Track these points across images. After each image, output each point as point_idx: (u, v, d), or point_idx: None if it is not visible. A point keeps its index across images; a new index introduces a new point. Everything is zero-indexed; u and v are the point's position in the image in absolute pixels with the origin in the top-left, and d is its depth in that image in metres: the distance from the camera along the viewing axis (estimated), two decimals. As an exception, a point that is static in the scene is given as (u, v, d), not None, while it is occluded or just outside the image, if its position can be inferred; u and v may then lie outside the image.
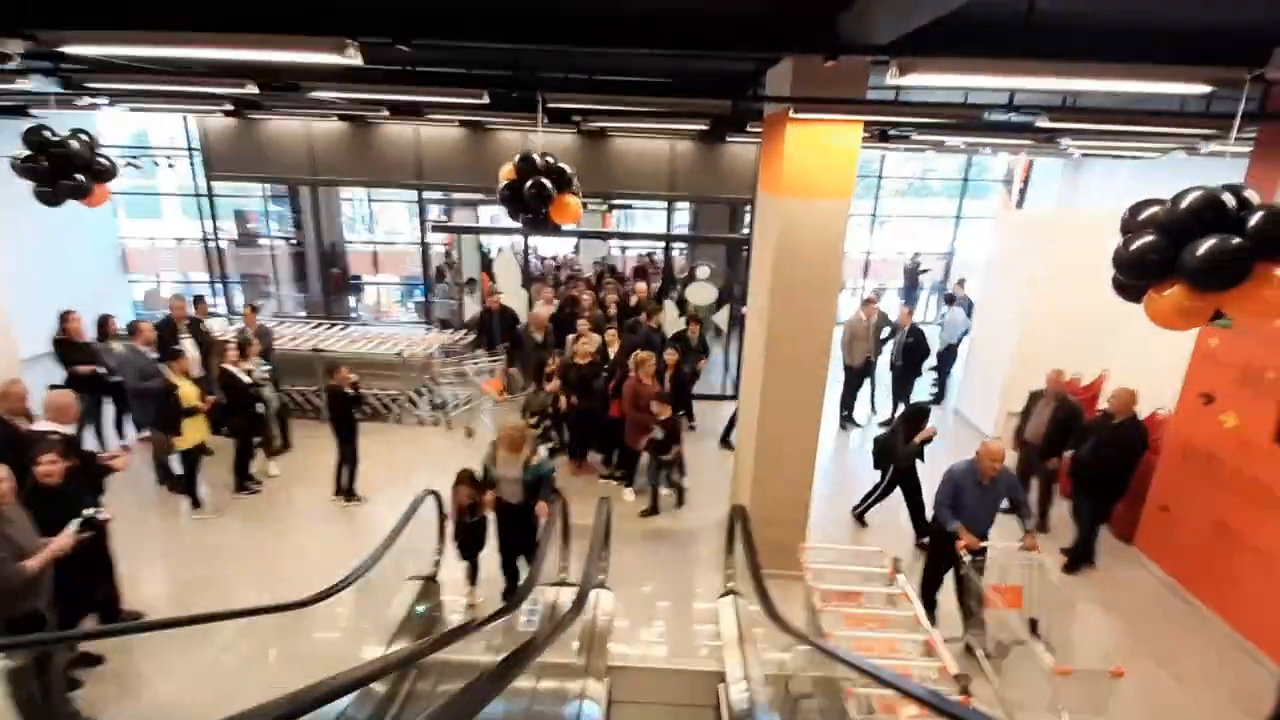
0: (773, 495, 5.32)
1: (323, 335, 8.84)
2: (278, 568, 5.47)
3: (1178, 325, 2.56)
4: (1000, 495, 4.67)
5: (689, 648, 4.74)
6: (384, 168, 9.51)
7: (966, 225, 15.27)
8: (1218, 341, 5.38)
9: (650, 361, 6.56)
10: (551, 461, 5.28)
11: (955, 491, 4.59)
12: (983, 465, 4.51)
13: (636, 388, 6.50)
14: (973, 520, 4.55)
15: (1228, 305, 2.42)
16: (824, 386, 5.15)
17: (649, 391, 6.45)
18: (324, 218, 12.03)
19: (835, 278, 4.91)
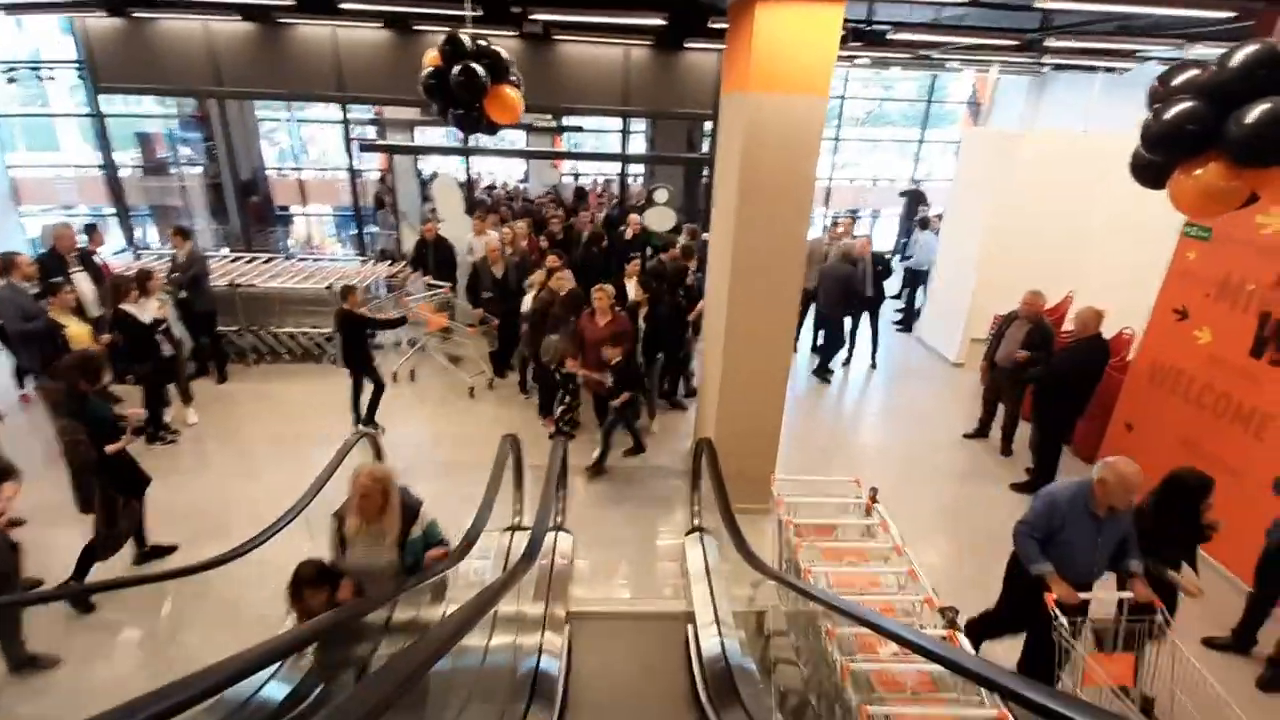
0: (740, 426, 5.01)
1: (240, 270, 7.98)
2: (195, 524, 4.93)
3: (1205, 210, 2.22)
4: (1117, 535, 3.30)
5: (655, 588, 4.48)
6: (300, 77, 8.43)
7: (929, 151, 14.92)
8: (1195, 255, 5.19)
9: (603, 297, 5.79)
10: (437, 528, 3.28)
11: (1052, 521, 3.24)
12: (1104, 493, 3.13)
13: (585, 326, 5.87)
14: (1072, 564, 3.23)
15: (1267, 185, 2.08)
16: (796, 305, 4.78)
17: (599, 333, 5.72)
18: (240, 142, 10.80)
19: (809, 184, 4.45)
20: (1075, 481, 3.32)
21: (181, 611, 3.97)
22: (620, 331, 5.67)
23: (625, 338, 5.68)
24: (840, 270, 7.53)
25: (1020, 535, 3.35)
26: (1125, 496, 3.14)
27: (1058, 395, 5.51)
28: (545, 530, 3.36)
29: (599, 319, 5.78)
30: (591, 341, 5.72)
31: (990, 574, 4.77)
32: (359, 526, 2.92)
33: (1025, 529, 3.33)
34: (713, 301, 5.45)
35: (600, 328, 5.72)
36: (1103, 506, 3.19)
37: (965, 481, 6.00)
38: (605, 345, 5.54)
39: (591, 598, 4.30)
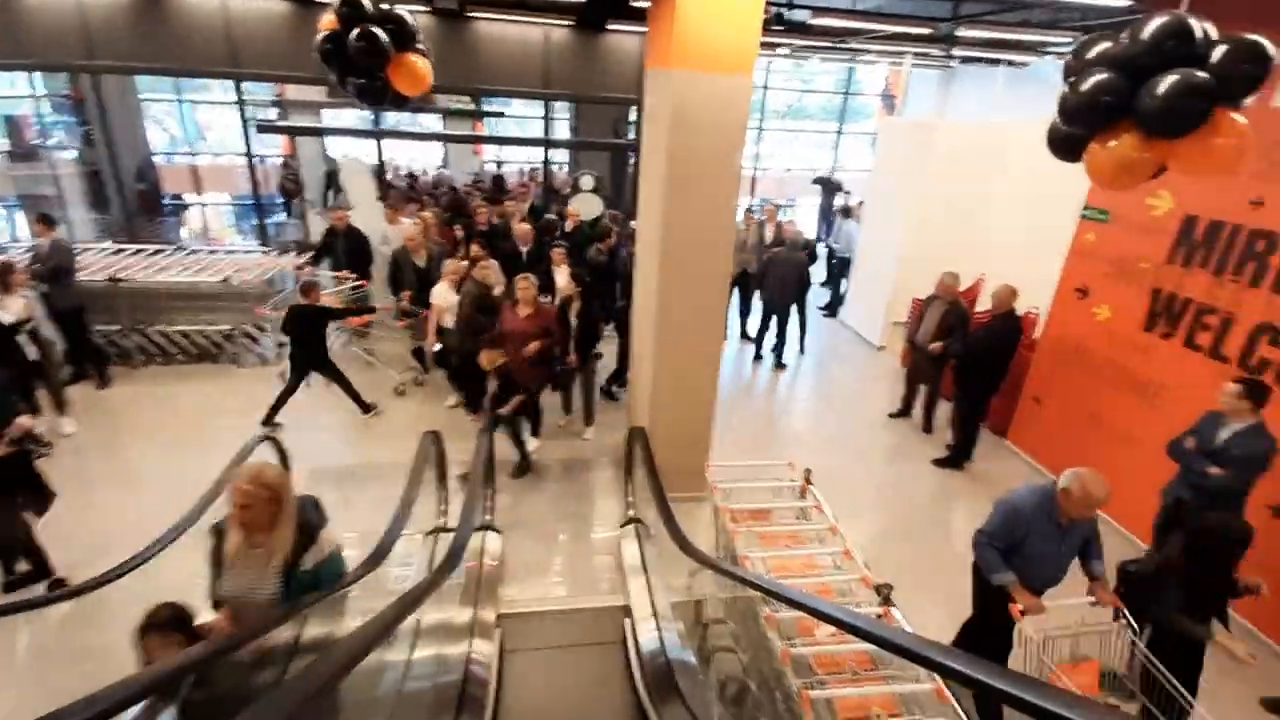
0: (673, 414, 4.91)
1: (123, 264, 7.22)
2: (73, 547, 4.37)
3: (1119, 182, 2.26)
4: (1077, 542, 3.19)
5: (590, 584, 4.32)
6: (187, 52, 7.68)
7: (845, 143, 15.36)
8: (1094, 236, 5.48)
9: (527, 287, 5.33)
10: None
11: (1014, 529, 3.09)
12: (1068, 504, 3.00)
13: (506, 318, 5.47)
14: (1038, 573, 3.13)
15: (1177, 156, 2.13)
16: (727, 289, 4.72)
17: (520, 326, 5.30)
18: (121, 125, 9.79)
19: (736, 165, 4.38)
20: (1038, 489, 3.15)
21: (45, 647, 3.50)
22: (543, 326, 5.34)
23: (548, 333, 5.34)
24: (796, 259, 7.55)
25: (980, 545, 3.17)
26: (1087, 512, 3.02)
27: (976, 372, 5.73)
28: (470, 532, 3.14)
29: (521, 310, 5.37)
30: (511, 335, 5.31)
31: (917, 548, 4.93)
32: (240, 545, 2.34)
33: (985, 539, 3.15)
34: (643, 288, 5.33)
35: (521, 320, 5.32)
36: (1066, 516, 3.05)
37: (891, 459, 6.17)
38: (527, 340, 5.22)
39: (523, 598, 4.11)
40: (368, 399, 6.19)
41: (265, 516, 2.30)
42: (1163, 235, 4.91)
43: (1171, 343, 4.84)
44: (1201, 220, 4.60)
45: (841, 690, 2.50)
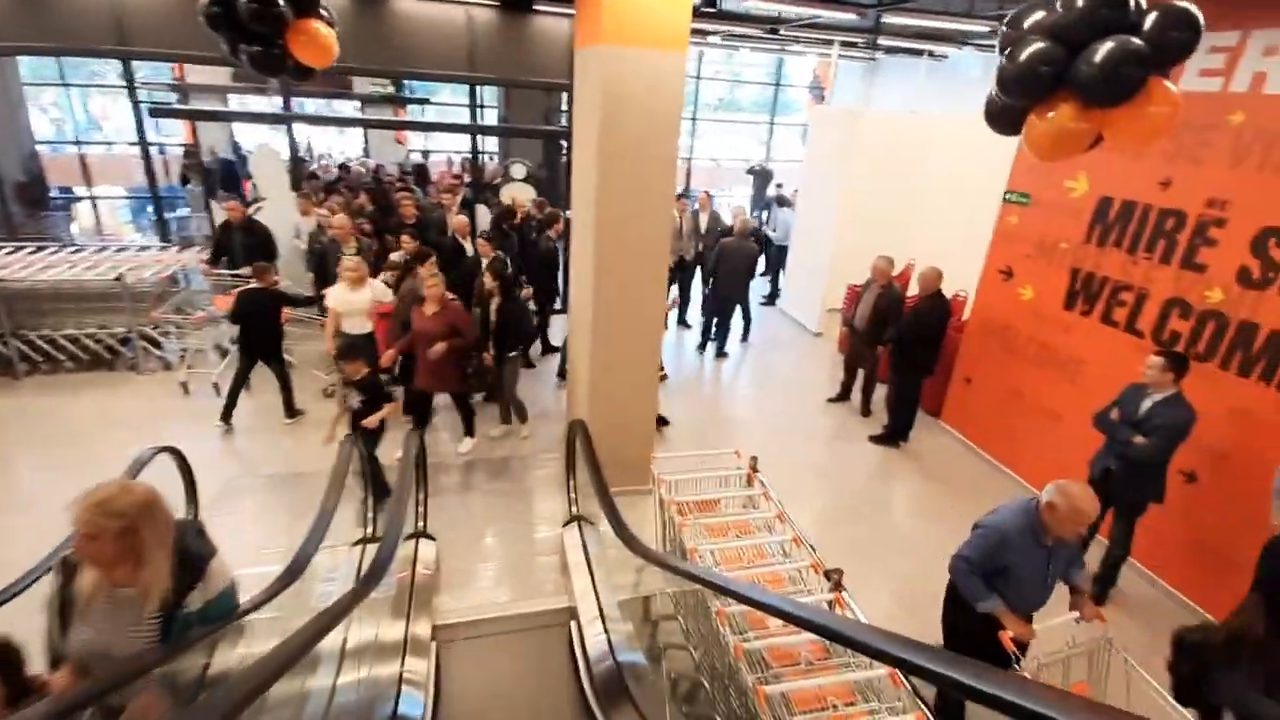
0: (615, 406, 4.76)
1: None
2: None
3: (1057, 152, 2.25)
4: (1064, 560, 2.93)
5: (534, 586, 4.13)
6: (69, 30, 6.92)
7: (779, 134, 15.56)
8: (1017, 220, 5.66)
9: (435, 284, 4.86)
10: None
11: (998, 553, 2.83)
12: (1054, 519, 2.73)
13: (414, 317, 5.05)
14: (1021, 598, 2.88)
15: (1113, 125, 2.13)
16: (665, 275, 4.59)
17: (427, 325, 4.87)
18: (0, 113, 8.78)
19: (672, 146, 4.24)
20: (1019, 508, 2.87)
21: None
22: (450, 325, 4.89)
23: (457, 333, 4.90)
24: (746, 248, 7.47)
25: (960, 572, 2.90)
26: (1075, 529, 2.74)
27: (908, 354, 5.84)
28: (395, 541, 2.89)
29: (428, 309, 4.92)
30: (419, 336, 4.89)
31: (860, 528, 4.97)
32: (98, 586, 1.89)
33: (965, 566, 2.89)
34: (578, 277, 5.14)
35: (428, 320, 4.88)
36: (1052, 535, 2.78)
37: (832, 443, 6.22)
38: (435, 341, 4.82)
39: (461, 606, 3.88)
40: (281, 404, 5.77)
41: (116, 551, 1.80)
42: (1080, 216, 5.09)
43: (1089, 320, 5.04)
44: (1115, 201, 4.80)
45: (796, 683, 2.42)
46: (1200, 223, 4.25)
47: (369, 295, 5.35)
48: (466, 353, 5.07)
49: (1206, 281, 4.22)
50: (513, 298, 5.34)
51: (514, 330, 5.35)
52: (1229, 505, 4.08)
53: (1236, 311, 4.06)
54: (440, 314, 4.92)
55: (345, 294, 5.31)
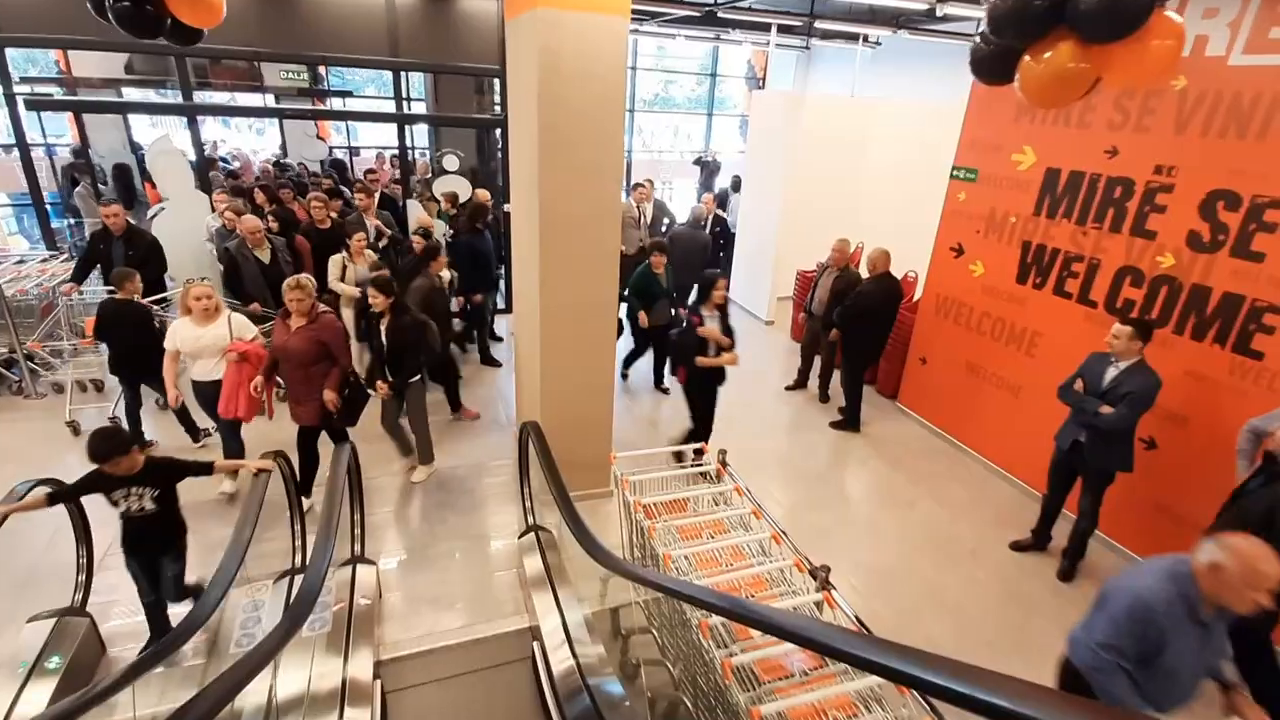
0: (569, 406, 4.42)
1: None
2: None
3: (1056, 97, 2.07)
4: (1222, 639, 2.27)
5: (490, 606, 3.75)
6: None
7: (717, 126, 15.48)
8: (965, 196, 5.62)
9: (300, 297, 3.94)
10: None
11: (1147, 636, 2.14)
12: (1218, 585, 2.07)
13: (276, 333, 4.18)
14: (1169, 692, 2.21)
15: (1114, 63, 1.96)
16: (616, 263, 4.28)
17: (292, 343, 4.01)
18: None
19: (618, 120, 3.94)
20: (1166, 571, 2.18)
21: None
22: (320, 343, 3.97)
23: (327, 354, 4.01)
24: (701, 238, 7.21)
25: (1105, 670, 2.18)
26: (1248, 594, 2.00)
27: (858, 335, 5.75)
28: (323, 570, 2.49)
29: (293, 323, 3.99)
30: (284, 355, 4.00)
31: (826, 515, 4.81)
32: None
33: (1112, 659, 2.17)
34: (521, 272, 4.78)
35: (292, 335, 3.96)
36: (1211, 605, 2.11)
37: (792, 431, 6.06)
38: (306, 363, 3.99)
39: (408, 636, 3.48)
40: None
41: None
42: (1028, 189, 5.07)
43: (1043, 292, 5.02)
44: (1063, 172, 4.78)
45: (793, 699, 2.16)
46: (1149, 189, 4.25)
47: (223, 332, 4.14)
48: (344, 378, 4.13)
49: (1158, 248, 4.22)
50: (403, 316, 4.38)
51: (411, 352, 4.42)
52: (1189, 469, 4.09)
53: (1188, 276, 4.07)
54: (306, 329, 3.94)
55: (191, 330, 4.12)
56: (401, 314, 4.36)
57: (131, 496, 2.90)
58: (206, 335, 4.14)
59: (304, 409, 4.12)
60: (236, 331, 4.19)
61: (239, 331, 4.21)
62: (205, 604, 2.45)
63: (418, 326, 4.43)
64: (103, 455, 2.73)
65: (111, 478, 2.83)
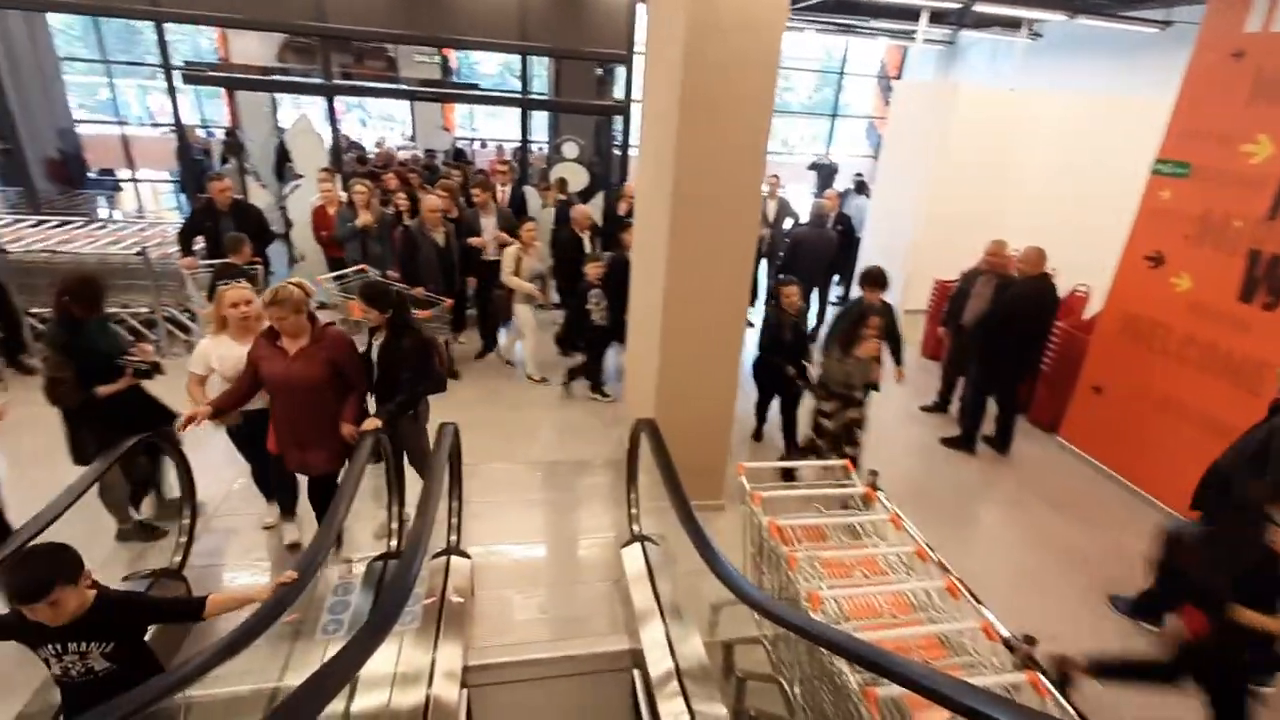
0: (687, 406, 3.96)
1: (16, 234, 6.08)
2: None
3: None
4: None
5: (585, 621, 3.36)
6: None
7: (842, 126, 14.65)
8: (1170, 194, 4.69)
9: (284, 315, 2.90)
10: None
11: None
12: None
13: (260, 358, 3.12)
14: None
15: None
16: (754, 245, 3.79)
17: (292, 373, 3.03)
18: (31, 86, 8.55)
19: (769, 89, 3.47)
20: None
21: None
22: (330, 364, 3.02)
23: (339, 375, 3.08)
24: (827, 236, 6.60)
25: None
26: None
27: (1002, 341, 4.89)
28: (415, 572, 2.17)
29: (287, 345, 2.98)
30: (277, 387, 3.02)
31: (973, 563, 4.06)
32: None
33: None
34: (643, 255, 4.40)
35: (288, 360, 2.96)
36: None
37: (928, 459, 5.31)
38: (305, 393, 3.01)
39: (497, 643, 3.14)
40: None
41: None
42: (1261, 187, 4.12)
43: (1276, 314, 4.05)
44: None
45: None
46: None
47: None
48: (363, 403, 3.27)
49: None
50: (403, 337, 3.34)
51: (409, 380, 3.32)
52: None
53: None
54: (311, 350, 2.96)
55: (227, 348, 3.22)
56: (401, 333, 3.33)
57: (70, 655, 1.85)
58: (244, 355, 3.13)
59: (315, 454, 3.09)
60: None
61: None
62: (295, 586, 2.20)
63: (420, 350, 3.39)
64: (28, 593, 1.70)
65: (39, 626, 1.79)
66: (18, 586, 1.68)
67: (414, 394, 3.39)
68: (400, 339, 3.32)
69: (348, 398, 3.13)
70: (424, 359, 3.42)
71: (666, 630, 2.91)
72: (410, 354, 3.32)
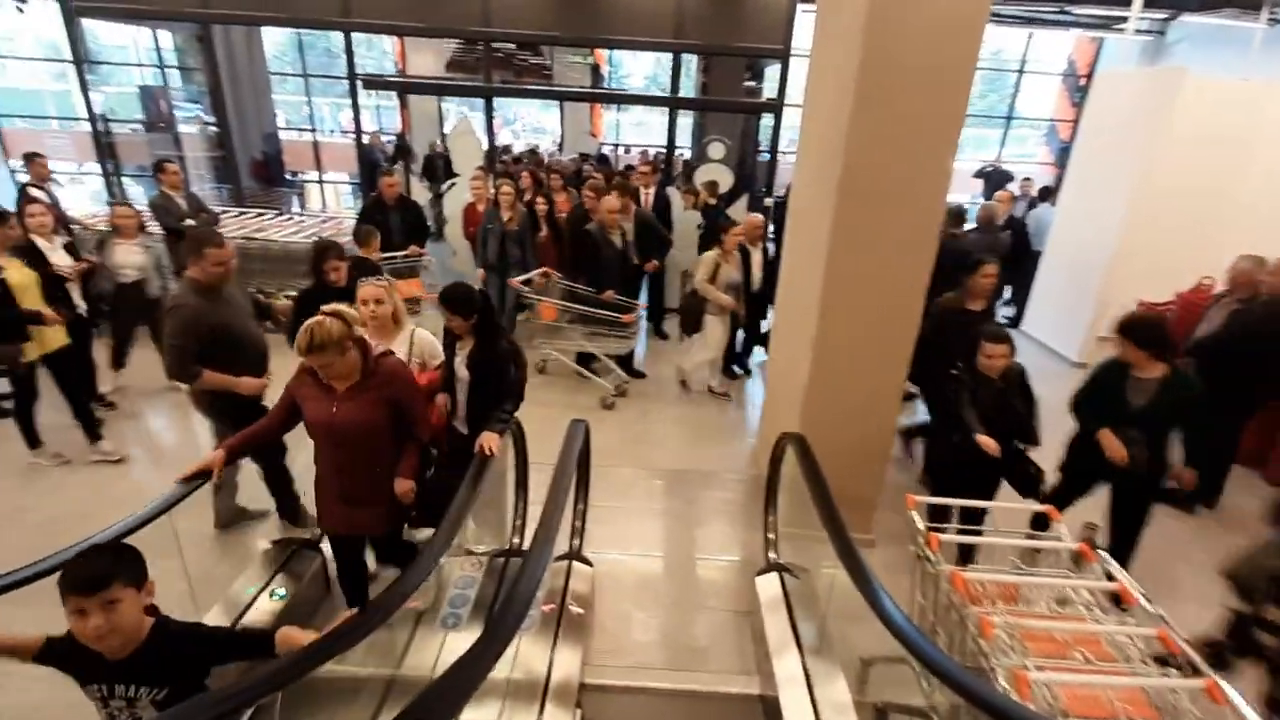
0: (839, 424, 3.49)
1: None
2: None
3: None
4: None
5: (712, 654, 3.02)
6: (299, 5, 7.26)
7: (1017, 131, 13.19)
8: None
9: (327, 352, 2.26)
10: None
11: None
12: None
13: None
14: None
15: None
16: (934, 242, 3.27)
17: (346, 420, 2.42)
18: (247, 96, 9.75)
19: (968, 74, 2.97)
20: None
21: None
22: (390, 405, 2.46)
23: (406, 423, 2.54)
24: (1001, 244, 5.77)
25: None
26: None
27: (1229, 373, 3.84)
28: (538, 580, 1.95)
29: (337, 383, 2.41)
30: (326, 435, 2.47)
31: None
32: None
33: None
34: (796, 250, 4.01)
35: (344, 406, 2.39)
36: None
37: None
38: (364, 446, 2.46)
39: (616, 665, 2.89)
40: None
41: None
42: None
43: None
44: None
45: None
46: None
47: (403, 352, 2.95)
48: (425, 453, 2.75)
49: None
50: (495, 343, 2.92)
51: (514, 379, 2.97)
52: None
53: None
54: (365, 389, 2.39)
55: None
56: (492, 337, 2.91)
57: (116, 701, 1.60)
58: None
59: (363, 512, 2.54)
60: (419, 353, 2.99)
61: (422, 352, 3.03)
62: (417, 573, 2.07)
63: (517, 351, 3.02)
64: (84, 582, 1.48)
65: (90, 656, 1.54)
66: (74, 576, 1.47)
67: (522, 396, 3.00)
68: (494, 343, 2.91)
69: (406, 446, 2.54)
70: (521, 360, 3.03)
71: (808, 680, 2.50)
72: (509, 356, 2.94)
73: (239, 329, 3.20)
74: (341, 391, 2.39)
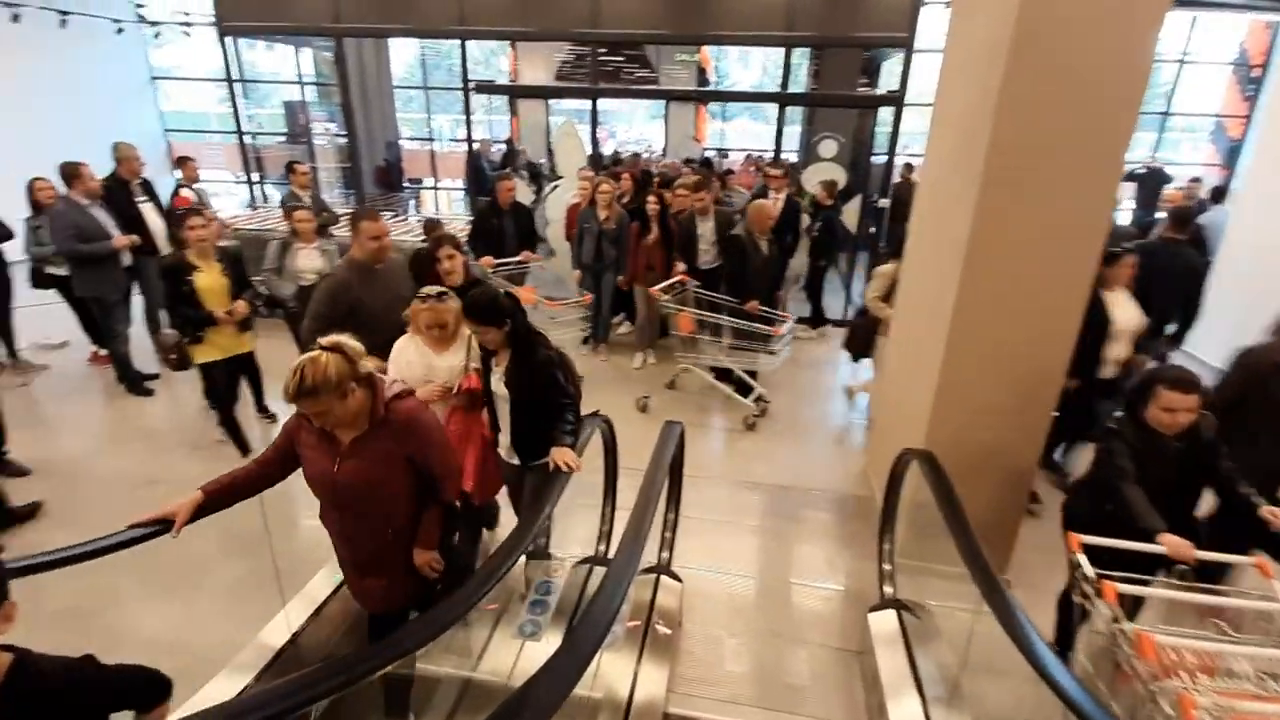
0: (973, 438, 3.04)
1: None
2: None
3: None
4: None
5: (813, 694, 2.67)
6: (419, 11, 7.59)
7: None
8: None
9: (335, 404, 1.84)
10: None
11: None
12: None
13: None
14: None
15: None
16: (1104, 233, 2.78)
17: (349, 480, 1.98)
18: (374, 107, 10.37)
19: (1147, 61, 2.50)
20: None
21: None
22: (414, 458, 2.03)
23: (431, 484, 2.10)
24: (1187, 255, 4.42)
25: None
26: None
27: None
28: (622, 595, 1.72)
29: (342, 433, 1.94)
30: (329, 497, 2.04)
31: None
32: None
33: None
34: (921, 240, 3.60)
35: (349, 460, 1.94)
36: None
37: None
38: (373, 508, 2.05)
39: (704, 695, 2.61)
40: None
41: None
42: None
43: None
44: None
45: None
46: None
47: (457, 362, 2.75)
48: (448, 516, 2.21)
49: None
50: (533, 351, 2.52)
51: (543, 410, 2.53)
52: None
53: None
54: (373, 439, 1.94)
55: (422, 354, 2.73)
56: (530, 346, 2.51)
57: None
58: (442, 365, 2.73)
59: (374, 582, 2.12)
60: (476, 358, 2.72)
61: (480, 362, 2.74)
62: (489, 573, 1.91)
63: (563, 357, 2.63)
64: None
65: None
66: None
67: (578, 407, 2.58)
68: (532, 352, 2.50)
69: (428, 507, 2.10)
70: (568, 366, 2.64)
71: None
72: (552, 364, 2.52)
73: (379, 311, 2.99)
74: (346, 444, 1.91)
